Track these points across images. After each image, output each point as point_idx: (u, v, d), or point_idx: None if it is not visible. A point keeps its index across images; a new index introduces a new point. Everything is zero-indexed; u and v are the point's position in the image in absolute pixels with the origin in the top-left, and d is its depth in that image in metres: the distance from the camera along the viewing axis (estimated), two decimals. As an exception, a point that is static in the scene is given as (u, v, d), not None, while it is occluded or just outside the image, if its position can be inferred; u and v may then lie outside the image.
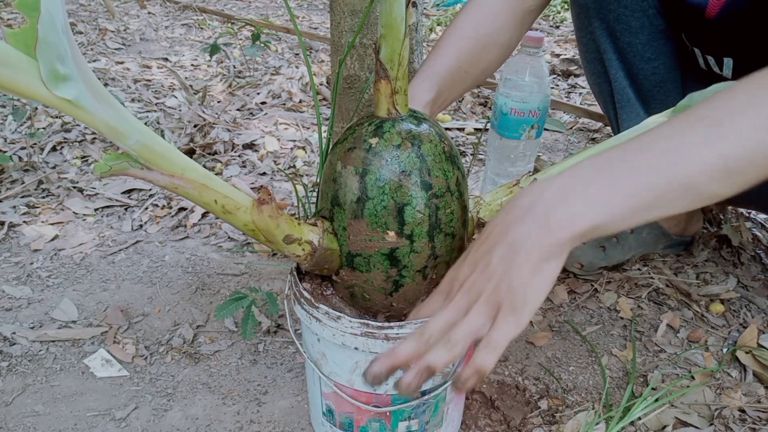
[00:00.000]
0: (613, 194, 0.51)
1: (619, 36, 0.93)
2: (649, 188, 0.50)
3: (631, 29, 0.92)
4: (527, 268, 0.52)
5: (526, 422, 0.81)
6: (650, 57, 0.93)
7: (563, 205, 0.51)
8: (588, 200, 0.51)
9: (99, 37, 2.81)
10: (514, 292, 0.52)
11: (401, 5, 0.54)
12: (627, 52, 0.94)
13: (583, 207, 0.51)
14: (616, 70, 0.97)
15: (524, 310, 0.52)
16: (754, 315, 1.01)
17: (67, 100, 0.45)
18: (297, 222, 0.60)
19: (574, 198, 0.51)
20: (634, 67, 0.95)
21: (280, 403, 0.85)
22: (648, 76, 0.95)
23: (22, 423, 0.81)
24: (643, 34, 0.92)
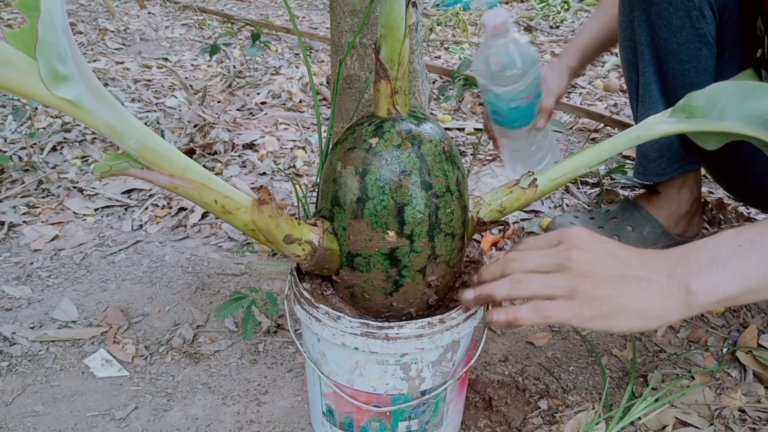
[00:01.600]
0: (754, 274, 0.52)
1: (657, 31, 0.93)
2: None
3: (671, 27, 0.92)
4: (639, 304, 0.54)
5: (526, 422, 0.81)
6: (683, 58, 0.94)
7: (709, 276, 0.53)
8: (732, 278, 0.53)
9: (99, 37, 2.81)
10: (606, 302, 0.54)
11: (401, 5, 0.54)
12: (661, 49, 0.94)
13: (727, 284, 0.53)
14: (646, 64, 0.97)
15: (599, 321, 0.54)
16: (754, 315, 1.01)
17: (67, 100, 0.45)
18: (297, 222, 0.60)
19: (720, 273, 0.53)
20: (665, 65, 0.95)
21: (280, 403, 0.85)
22: (677, 77, 0.95)
23: (22, 423, 0.81)
24: (682, 34, 0.92)
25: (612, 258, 0.56)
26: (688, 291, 0.53)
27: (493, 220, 0.70)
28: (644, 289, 0.54)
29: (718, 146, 0.67)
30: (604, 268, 0.55)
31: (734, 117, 0.63)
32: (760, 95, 0.62)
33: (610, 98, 2.09)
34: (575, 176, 0.70)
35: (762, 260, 0.53)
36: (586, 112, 1.83)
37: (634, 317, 0.54)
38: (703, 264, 0.54)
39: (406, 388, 0.65)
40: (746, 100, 0.63)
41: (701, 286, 0.53)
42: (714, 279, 0.53)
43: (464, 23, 2.88)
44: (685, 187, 1.10)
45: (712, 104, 0.64)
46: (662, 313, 0.54)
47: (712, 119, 0.64)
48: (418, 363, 0.63)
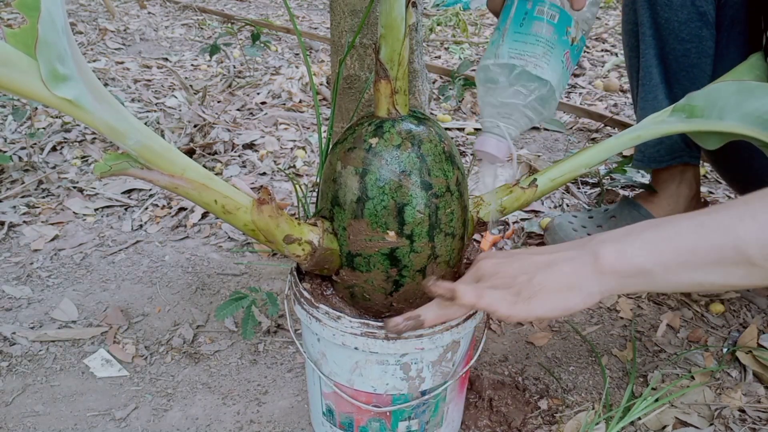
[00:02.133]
0: (667, 246, 0.51)
1: (659, 11, 0.95)
2: (703, 248, 0.49)
3: (672, 6, 0.93)
4: (556, 281, 0.54)
5: (526, 422, 0.81)
6: (684, 38, 0.95)
7: (617, 243, 0.53)
8: (641, 245, 0.51)
9: (99, 37, 2.81)
10: (528, 285, 0.54)
11: (401, 5, 0.54)
12: (663, 29, 0.95)
13: (635, 249, 0.52)
14: (647, 47, 0.98)
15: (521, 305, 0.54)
16: (754, 315, 1.01)
17: (67, 100, 0.45)
18: (297, 222, 0.60)
19: (629, 240, 0.52)
20: (666, 45, 0.97)
21: (280, 403, 0.85)
22: (678, 57, 0.96)
23: (22, 423, 0.81)
24: (683, 12, 0.93)
25: (521, 254, 0.58)
26: (597, 257, 0.52)
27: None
28: (557, 266, 0.54)
29: (718, 146, 0.67)
30: (514, 261, 0.57)
31: (734, 117, 0.63)
32: (760, 95, 0.62)
33: (610, 98, 2.09)
34: (575, 176, 0.70)
35: (674, 233, 0.51)
36: (586, 112, 1.83)
37: (553, 295, 0.54)
38: (614, 235, 0.54)
39: (406, 388, 0.65)
40: (746, 100, 0.63)
41: (609, 251, 0.52)
42: (623, 246, 0.52)
43: (464, 23, 2.88)
44: (683, 183, 1.11)
45: (712, 104, 0.65)
46: (577, 285, 0.53)
47: (712, 119, 0.65)
48: (418, 363, 0.63)
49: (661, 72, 0.99)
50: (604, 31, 2.94)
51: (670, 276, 0.51)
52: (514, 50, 0.62)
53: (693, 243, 0.50)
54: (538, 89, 0.63)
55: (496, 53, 0.63)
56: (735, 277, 0.49)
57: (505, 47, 0.63)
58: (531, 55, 0.62)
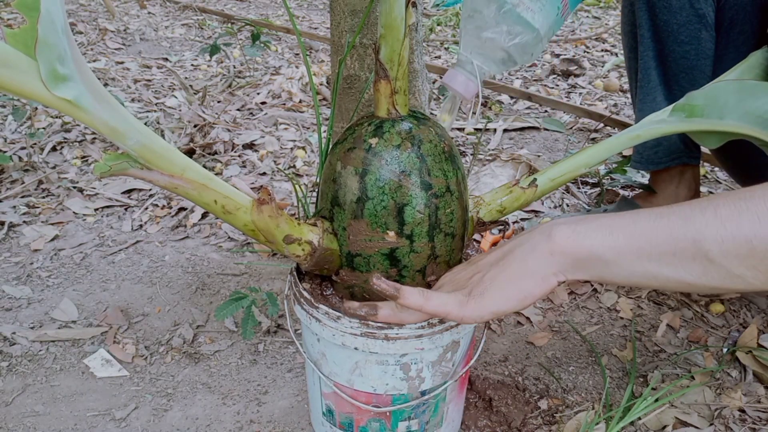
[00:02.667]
0: (622, 232, 0.48)
1: (657, 13, 0.94)
2: (659, 237, 0.47)
3: (671, 8, 0.93)
4: (507, 272, 0.51)
5: (526, 422, 0.81)
6: (683, 40, 0.94)
7: (571, 224, 0.50)
8: (596, 228, 0.49)
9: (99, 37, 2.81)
10: (480, 282, 0.52)
11: (401, 5, 0.54)
12: (662, 31, 0.95)
13: (589, 231, 0.49)
14: (646, 49, 0.98)
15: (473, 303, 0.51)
16: (754, 315, 1.01)
17: (67, 101, 0.45)
18: (297, 222, 0.60)
19: (584, 223, 0.50)
20: (665, 47, 0.96)
21: (280, 403, 0.85)
22: (677, 59, 0.96)
23: (22, 423, 0.81)
24: (681, 14, 0.93)
25: (480, 256, 0.57)
26: (549, 237, 0.50)
27: (493, 220, 0.70)
28: (509, 255, 0.52)
29: (718, 145, 0.67)
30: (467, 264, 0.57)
31: (734, 116, 0.63)
32: (760, 94, 0.62)
33: (610, 98, 2.09)
34: (575, 176, 0.70)
35: (632, 221, 0.49)
36: (586, 112, 1.83)
37: (505, 285, 0.51)
38: (571, 219, 0.52)
39: (406, 389, 0.65)
40: (746, 100, 0.63)
41: (562, 231, 0.50)
42: (577, 227, 0.50)
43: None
44: (682, 184, 1.10)
45: (712, 103, 0.64)
46: (529, 269, 0.51)
47: (712, 118, 0.64)
48: (417, 363, 0.63)
49: (659, 74, 0.99)
50: (604, 31, 2.94)
51: (625, 265, 0.48)
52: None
53: (649, 231, 0.47)
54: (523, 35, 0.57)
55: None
56: (691, 273, 0.46)
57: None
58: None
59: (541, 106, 2.00)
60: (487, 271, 0.53)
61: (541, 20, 0.58)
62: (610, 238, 0.48)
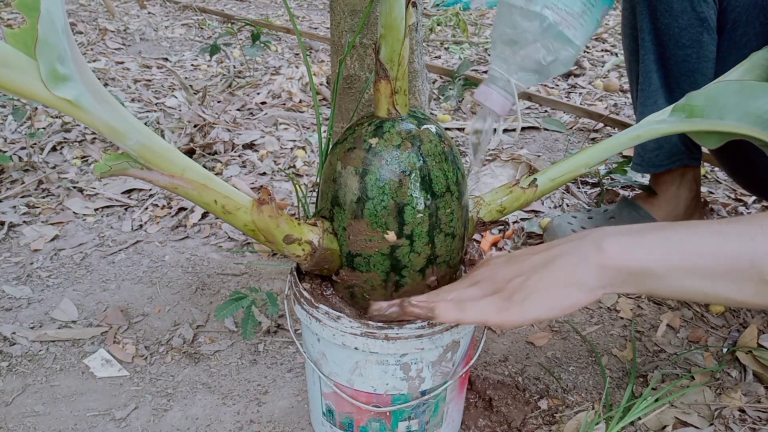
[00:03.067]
0: (675, 248, 0.48)
1: (659, 16, 0.94)
2: (716, 254, 0.46)
3: (672, 11, 0.93)
4: (552, 278, 0.50)
5: (526, 422, 0.81)
6: (685, 43, 0.94)
7: (623, 236, 0.49)
8: (647, 242, 0.49)
9: (99, 37, 2.80)
10: (522, 287, 0.51)
11: (401, 5, 0.54)
12: (663, 34, 0.95)
13: (639, 245, 0.48)
14: (647, 52, 0.98)
15: (515, 308, 0.50)
16: (754, 315, 1.01)
17: (67, 101, 0.45)
18: (297, 222, 0.60)
19: (636, 236, 0.49)
20: (666, 50, 0.96)
21: (280, 403, 0.85)
22: (678, 63, 0.96)
23: (22, 423, 0.81)
24: (683, 18, 0.93)
25: (517, 254, 0.55)
26: (600, 249, 0.49)
27: (493, 220, 0.70)
28: (555, 261, 0.51)
29: (718, 145, 0.67)
30: (509, 261, 0.54)
31: (734, 117, 0.63)
32: (760, 95, 0.62)
33: (610, 98, 2.09)
34: (575, 176, 0.70)
35: (687, 236, 0.48)
36: (586, 112, 1.83)
37: (550, 292, 0.50)
38: (621, 229, 0.51)
39: (406, 388, 0.65)
40: (746, 100, 0.62)
41: (614, 244, 0.49)
42: (627, 240, 0.49)
43: (464, 23, 2.88)
44: (683, 185, 1.10)
45: (712, 104, 0.64)
46: (575, 279, 0.50)
47: (712, 119, 0.64)
48: (418, 363, 0.63)
49: (661, 77, 0.99)
50: (604, 31, 2.94)
51: (675, 280, 0.48)
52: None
53: (706, 248, 0.47)
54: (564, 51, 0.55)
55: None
56: (744, 292, 0.46)
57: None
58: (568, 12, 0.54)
59: (541, 106, 2.00)
60: (530, 275, 0.52)
61: (582, 37, 0.56)
62: (664, 254, 0.48)
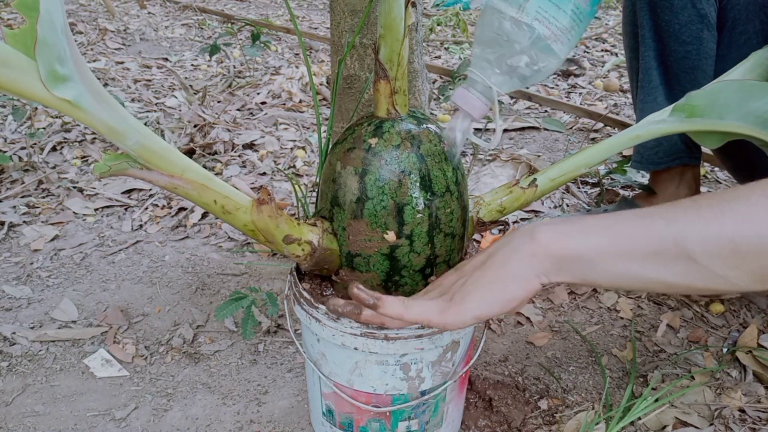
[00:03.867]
0: (605, 232, 0.48)
1: (659, 13, 0.94)
2: (642, 237, 0.47)
3: (673, 8, 0.92)
4: (488, 275, 0.51)
5: (526, 422, 0.81)
6: (685, 40, 0.94)
7: (554, 225, 0.50)
8: (579, 228, 0.49)
9: (99, 37, 2.81)
10: (462, 288, 0.51)
11: (401, 5, 0.54)
12: (663, 31, 0.95)
13: (572, 232, 0.49)
14: (647, 48, 0.98)
15: (454, 308, 0.50)
16: (754, 315, 1.01)
17: (67, 101, 0.45)
18: (297, 222, 0.60)
19: (567, 224, 0.50)
20: (667, 47, 0.96)
21: (280, 403, 0.85)
22: (679, 59, 0.96)
23: (22, 423, 0.81)
24: (683, 14, 0.92)
25: (466, 261, 0.56)
26: (532, 238, 0.49)
27: (493, 220, 0.70)
28: (491, 258, 0.52)
29: (719, 145, 0.67)
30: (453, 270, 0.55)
31: (734, 116, 0.63)
32: (761, 95, 0.62)
33: (610, 98, 2.09)
34: (575, 176, 0.70)
35: (615, 222, 0.48)
36: (586, 112, 1.83)
37: (486, 288, 0.50)
38: (554, 220, 0.51)
39: (406, 389, 0.65)
40: (746, 100, 0.62)
41: (544, 232, 0.49)
42: (558, 228, 0.49)
43: (464, 23, 2.88)
44: (682, 184, 1.10)
45: (712, 103, 0.64)
46: (511, 271, 0.50)
47: (712, 119, 0.64)
48: (417, 363, 0.63)
49: (660, 74, 0.99)
50: (604, 31, 2.94)
51: (608, 265, 0.48)
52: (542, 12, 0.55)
53: (632, 231, 0.47)
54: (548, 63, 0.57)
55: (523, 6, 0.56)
56: (673, 273, 0.46)
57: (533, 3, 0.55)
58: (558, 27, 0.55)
59: (541, 106, 2.00)
60: (470, 275, 0.52)
61: (566, 50, 0.58)
62: (593, 238, 0.48)
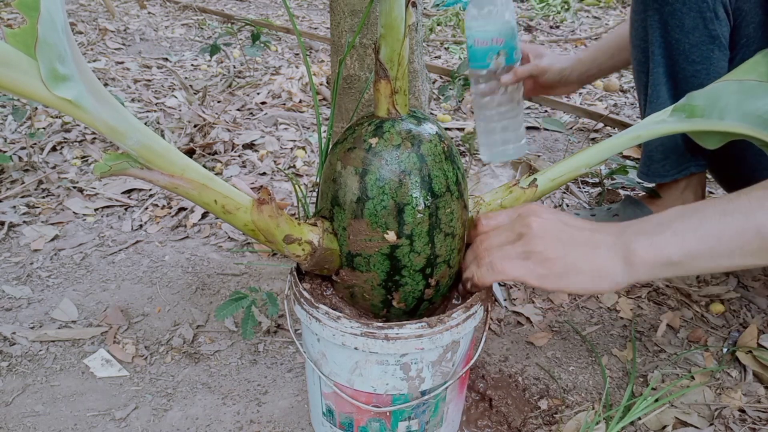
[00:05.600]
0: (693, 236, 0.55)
1: (670, 31, 0.93)
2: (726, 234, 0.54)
3: (684, 27, 0.92)
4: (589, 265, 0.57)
5: (526, 422, 0.81)
6: (695, 60, 0.93)
7: (648, 237, 0.57)
8: (670, 236, 0.56)
9: (99, 37, 2.81)
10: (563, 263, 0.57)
11: (401, 5, 0.54)
12: (673, 50, 0.94)
13: (667, 242, 0.56)
14: (657, 65, 0.97)
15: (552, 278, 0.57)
16: (754, 315, 1.01)
17: (67, 100, 0.45)
18: (297, 222, 0.60)
19: (659, 233, 0.56)
20: (676, 65, 0.95)
21: (280, 403, 0.85)
22: (688, 78, 0.95)
23: (22, 423, 0.81)
24: (694, 35, 0.92)
25: (565, 224, 0.60)
26: (630, 249, 0.57)
27: (493, 220, 0.70)
28: (593, 250, 0.58)
29: (718, 146, 0.67)
30: (558, 232, 0.59)
31: (735, 117, 0.63)
32: (761, 95, 0.62)
33: (610, 98, 2.09)
34: (575, 176, 0.70)
35: (699, 223, 0.56)
36: (586, 112, 1.83)
37: (583, 276, 0.57)
38: (647, 228, 0.58)
39: (406, 388, 0.65)
40: (747, 100, 0.63)
41: (642, 244, 0.57)
42: (654, 239, 0.57)
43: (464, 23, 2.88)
44: (688, 189, 1.10)
45: (712, 104, 0.65)
46: (608, 272, 0.57)
47: (712, 119, 0.65)
48: (418, 363, 0.63)
49: (669, 89, 0.98)
50: (604, 31, 2.94)
51: (697, 263, 0.56)
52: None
53: (719, 232, 0.55)
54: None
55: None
56: (755, 259, 0.55)
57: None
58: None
59: (541, 106, 2.01)
60: (570, 251, 0.58)
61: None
62: (685, 245, 0.55)
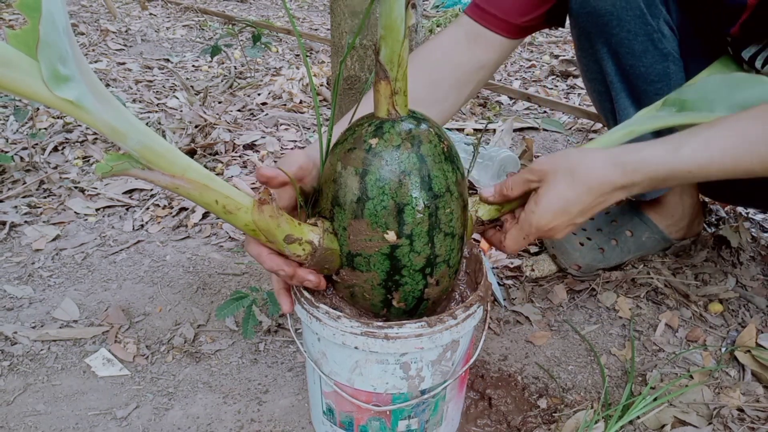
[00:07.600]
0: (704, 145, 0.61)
1: (622, 59, 0.93)
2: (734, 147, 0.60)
3: (635, 53, 0.91)
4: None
5: (526, 421, 0.81)
6: (653, 79, 0.93)
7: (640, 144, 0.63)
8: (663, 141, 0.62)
9: (100, 38, 2.81)
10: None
11: (401, 7, 0.55)
12: (630, 74, 0.94)
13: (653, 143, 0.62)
14: (618, 92, 0.96)
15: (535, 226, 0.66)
16: (753, 314, 1.01)
17: (69, 101, 0.45)
18: (297, 222, 0.60)
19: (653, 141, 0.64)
20: (637, 89, 0.95)
21: (281, 402, 0.85)
22: (651, 97, 0.94)
23: (24, 422, 0.82)
24: (647, 57, 0.91)
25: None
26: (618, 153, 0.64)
27: (492, 219, 0.70)
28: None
29: None
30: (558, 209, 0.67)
31: (724, 108, 0.64)
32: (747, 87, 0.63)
33: (610, 99, 2.09)
34: (574, 176, 0.70)
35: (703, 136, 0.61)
36: (584, 113, 1.84)
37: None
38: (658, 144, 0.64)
39: (406, 387, 0.65)
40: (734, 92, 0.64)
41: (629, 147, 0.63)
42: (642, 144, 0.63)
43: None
44: (685, 193, 1.10)
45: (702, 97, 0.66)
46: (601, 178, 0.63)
47: (703, 111, 0.65)
48: (417, 362, 0.63)
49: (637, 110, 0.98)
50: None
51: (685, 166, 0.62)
52: None
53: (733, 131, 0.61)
54: None
55: None
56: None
57: None
58: None
59: (540, 106, 2.01)
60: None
61: None
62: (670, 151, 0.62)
